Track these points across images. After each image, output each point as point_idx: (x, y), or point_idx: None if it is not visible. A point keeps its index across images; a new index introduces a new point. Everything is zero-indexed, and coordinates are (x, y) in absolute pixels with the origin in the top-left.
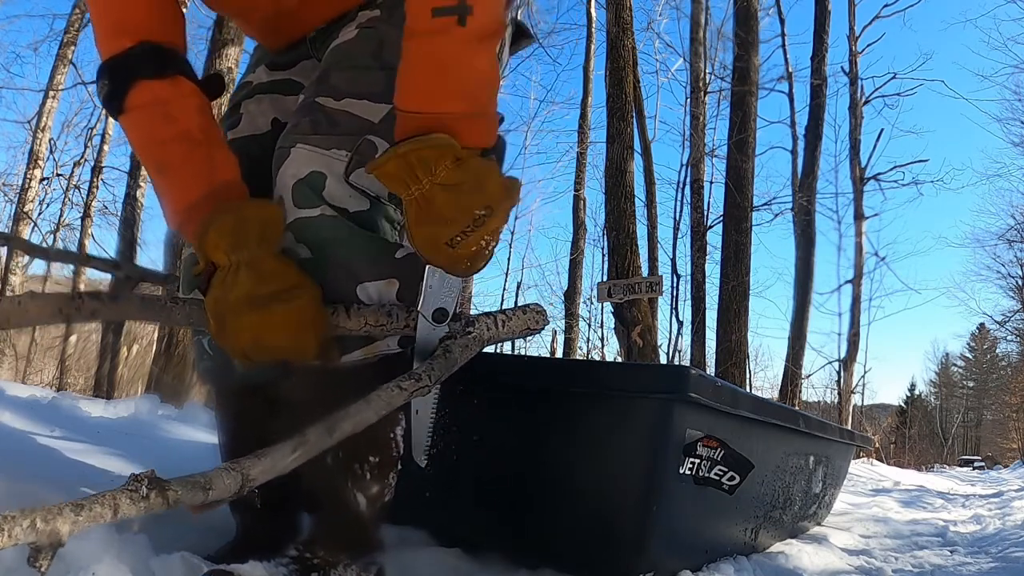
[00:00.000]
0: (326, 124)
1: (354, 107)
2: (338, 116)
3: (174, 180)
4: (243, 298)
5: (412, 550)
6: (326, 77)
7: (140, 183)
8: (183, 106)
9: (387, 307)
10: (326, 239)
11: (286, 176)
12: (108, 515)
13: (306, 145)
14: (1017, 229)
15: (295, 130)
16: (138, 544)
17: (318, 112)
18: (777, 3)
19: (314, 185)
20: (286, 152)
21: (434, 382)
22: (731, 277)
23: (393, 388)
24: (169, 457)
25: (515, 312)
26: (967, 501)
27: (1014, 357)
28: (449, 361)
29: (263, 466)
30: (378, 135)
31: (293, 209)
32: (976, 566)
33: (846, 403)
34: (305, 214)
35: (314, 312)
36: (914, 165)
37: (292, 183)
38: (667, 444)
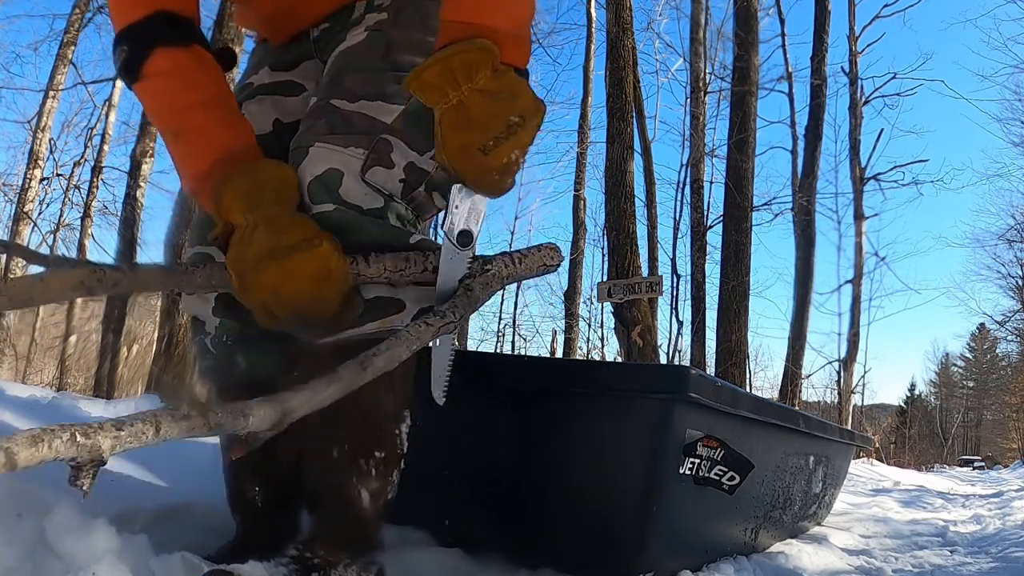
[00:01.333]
0: (342, 125)
1: (369, 109)
2: (353, 118)
3: (191, 145)
4: (264, 251)
5: (412, 550)
6: (339, 80)
7: (140, 183)
8: (201, 73)
9: (404, 253)
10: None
11: (304, 174)
12: (150, 433)
13: (324, 144)
14: (1017, 229)
15: (311, 131)
16: (138, 544)
17: (334, 114)
18: (777, 3)
19: (330, 182)
20: (304, 152)
21: (458, 319)
22: (731, 277)
23: (420, 324)
24: (169, 457)
25: (530, 250)
26: (967, 501)
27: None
28: (471, 299)
29: (301, 399)
30: (393, 135)
31: (309, 206)
32: (976, 566)
33: (846, 403)
34: (319, 209)
35: (335, 261)
36: (914, 165)
37: (309, 180)
38: (667, 444)
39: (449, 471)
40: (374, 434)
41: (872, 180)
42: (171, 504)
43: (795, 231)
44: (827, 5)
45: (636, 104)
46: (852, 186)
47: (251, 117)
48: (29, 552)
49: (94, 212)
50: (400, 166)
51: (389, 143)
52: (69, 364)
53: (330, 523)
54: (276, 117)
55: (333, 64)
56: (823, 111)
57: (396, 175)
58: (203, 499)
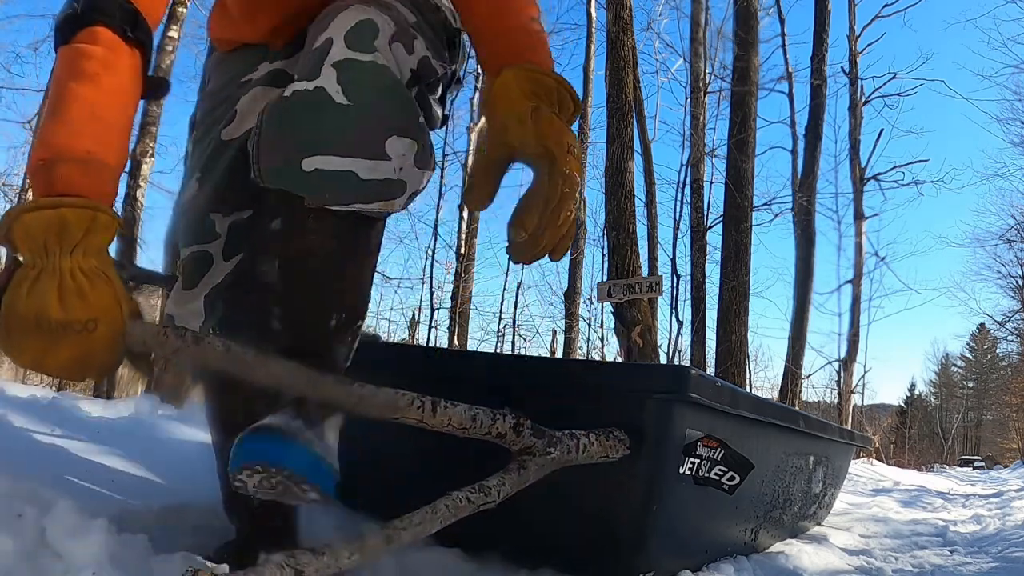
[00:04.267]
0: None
1: (397, 4)
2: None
3: (45, 129)
4: (31, 318)
5: (412, 550)
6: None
7: (140, 183)
8: (125, 70)
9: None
10: (370, 86)
11: (342, 21)
12: None
13: (363, 3)
14: (1017, 229)
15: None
16: (138, 545)
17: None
18: (777, 3)
19: (369, 32)
20: (344, 5)
21: (501, 498)
22: (731, 277)
23: (461, 499)
24: (169, 457)
25: (598, 438)
26: (967, 501)
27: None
28: (522, 478)
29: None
30: (413, 27)
31: (344, 49)
32: (976, 566)
33: (846, 403)
34: (356, 56)
35: (106, 349)
36: (914, 165)
37: (350, 25)
38: (667, 444)
39: (447, 471)
40: (361, 303)
41: (872, 180)
42: (171, 504)
43: (795, 231)
44: (827, 5)
45: (636, 104)
46: (852, 186)
47: (242, 114)
48: (29, 552)
49: None
50: (418, 55)
51: (411, 32)
52: None
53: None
54: None
55: None
56: (823, 111)
57: (411, 62)
58: (203, 499)
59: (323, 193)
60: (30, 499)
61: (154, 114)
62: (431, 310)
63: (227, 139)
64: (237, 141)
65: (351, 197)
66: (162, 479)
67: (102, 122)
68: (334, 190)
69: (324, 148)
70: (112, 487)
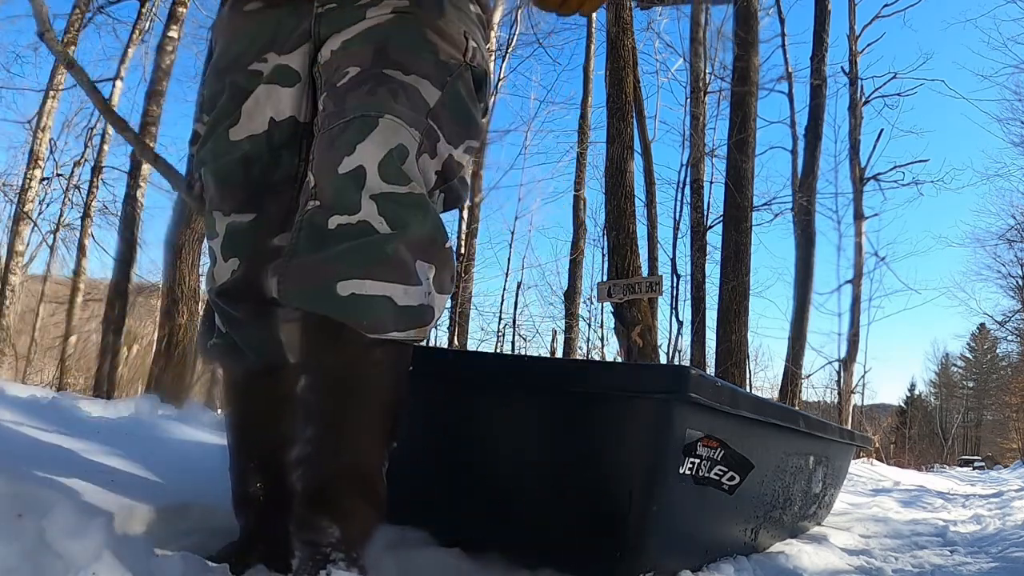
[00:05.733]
0: (403, 97)
1: (420, 85)
2: (410, 92)
3: None
4: None
5: (412, 550)
6: (384, 53)
7: (140, 183)
8: None
9: None
10: (410, 217)
11: (373, 145)
12: None
13: (394, 117)
14: (1017, 229)
15: (374, 97)
16: (138, 544)
17: (393, 83)
18: (777, 3)
19: (400, 158)
20: (373, 122)
21: None
22: (731, 277)
23: None
24: (169, 457)
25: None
26: (967, 501)
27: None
28: None
29: None
30: (435, 120)
31: (379, 182)
32: (976, 566)
33: (846, 403)
34: (394, 189)
35: None
36: (914, 165)
37: (382, 154)
38: (667, 444)
39: (450, 471)
40: (397, 424)
41: (872, 180)
42: (171, 504)
43: (795, 231)
44: (827, 5)
45: (636, 104)
46: (852, 186)
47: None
48: (29, 552)
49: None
50: (441, 158)
51: (435, 132)
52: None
53: (360, 517)
54: (271, 116)
55: (364, 38)
56: (823, 111)
57: (435, 166)
58: (203, 499)
59: (361, 317)
60: (30, 499)
61: (154, 114)
62: None
63: (234, 139)
64: (241, 143)
65: (390, 324)
66: (162, 479)
67: None
68: (373, 315)
69: (362, 273)
70: (112, 487)
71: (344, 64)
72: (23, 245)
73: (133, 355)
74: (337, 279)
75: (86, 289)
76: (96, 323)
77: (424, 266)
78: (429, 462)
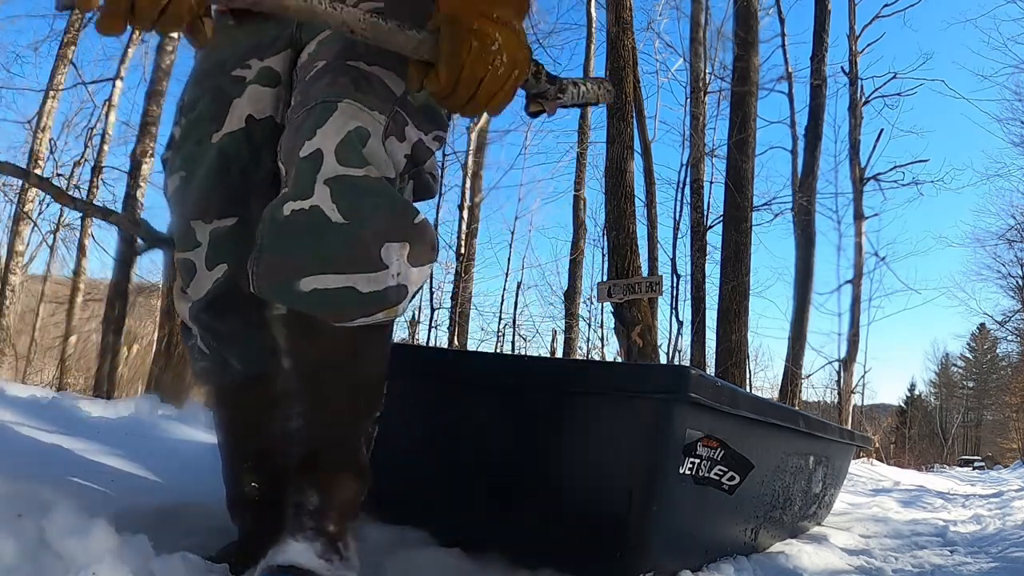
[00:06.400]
0: (366, 84)
1: (385, 76)
2: (374, 80)
3: None
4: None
5: (412, 550)
6: (350, 45)
7: (140, 183)
8: None
9: None
10: (365, 202)
11: (331, 129)
12: None
13: (353, 101)
14: (1017, 229)
15: (335, 86)
16: (138, 544)
17: (355, 72)
18: (777, 3)
19: (359, 141)
20: (331, 106)
21: None
22: (731, 277)
23: None
24: (169, 457)
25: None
26: (967, 501)
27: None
28: None
29: None
30: (402, 107)
31: (335, 165)
32: (976, 566)
33: (846, 403)
34: (350, 172)
35: None
36: (914, 165)
37: (340, 137)
38: (667, 444)
39: (450, 471)
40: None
41: (872, 180)
42: (171, 504)
43: (795, 231)
44: (827, 5)
45: (636, 104)
46: (852, 186)
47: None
48: (29, 552)
49: None
50: (410, 141)
51: (403, 116)
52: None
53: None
54: (249, 113)
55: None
56: (823, 111)
57: (404, 150)
58: (203, 499)
59: (325, 310)
60: (30, 499)
61: (154, 114)
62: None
63: (213, 141)
64: (219, 143)
65: (355, 312)
66: (162, 479)
67: None
68: (336, 307)
69: (322, 268)
70: (112, 487)
71: (314, 60)
72: (23, 245)
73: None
74: (300, 276)
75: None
76: (96, 323)
77: (394, 246)
78: (429, 462)
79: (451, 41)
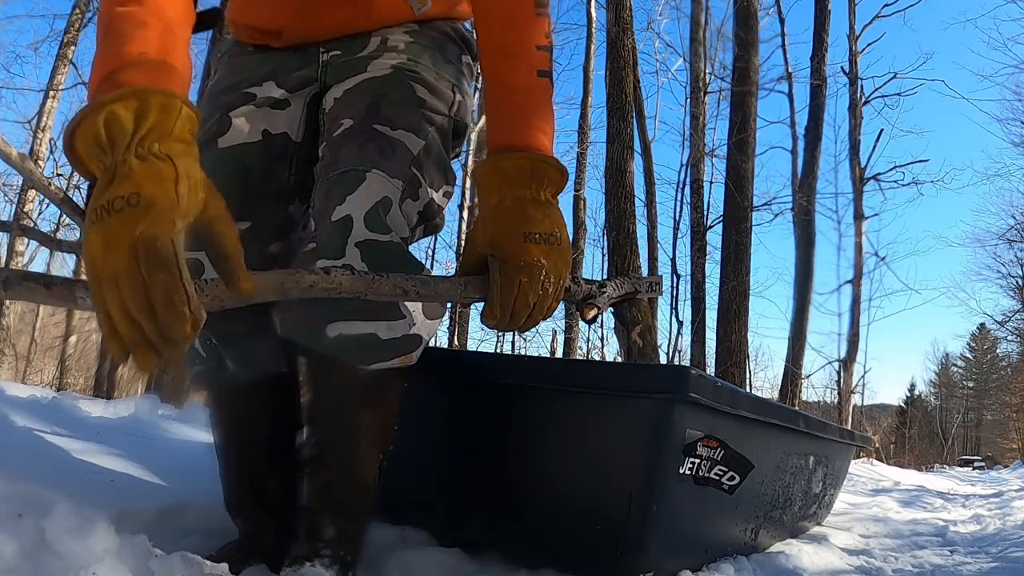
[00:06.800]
0: (389, 151)
1: (405, 138)
2: (396, 146)
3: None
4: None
5: (412, 550)
6: (376, 108)
7: None
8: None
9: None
10: (394, 263)
11: (360, 198)
12: None
13: (379, 171)
14: (1017, 229)
15: (363, 154)
16: (138, 544)
17: (381, 140)
18: (777, 3)
19: (384, 211)
20: (361, 176)
21: None
22: (731, 277)
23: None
24: (169, 457)
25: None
26: (967, 501)
27: (1014, 357)
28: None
29: None
30: (418, 168)
31: (363, 230)
32: (976, 566)
33: (846, 403)
34: (376, 237)
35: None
36: (914, 165)
37: (368, 206)
38: (667, 444)
39: (449, 471)
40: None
41: (872, 180)
42: (171, 504)
43: (795, 231)
44: (827, 5)
45: (636, 104)
46: (852, 186)
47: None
48: (29, 552)
49: None
50: (423, 201)
51: (418, 179)
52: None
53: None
54: (265, 128)
55: (361, 91)
56: (823, 111)
57: (417, 208)
58: (203, 499)
59: (348, 354)
60: (30, 499)
61: None
62: None
63: (222, 147)
64: (236, 152)
65: (375, 356)
66: (162, 479)
67: (152, 28)
68: (359, 351)
69: (347, 316)
70: (112, 487)
71: (341, 115)
72: (23, 245)
73: None
74: (327, 322)
75: None
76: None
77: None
78: (429, 462)
79: (502, 282)
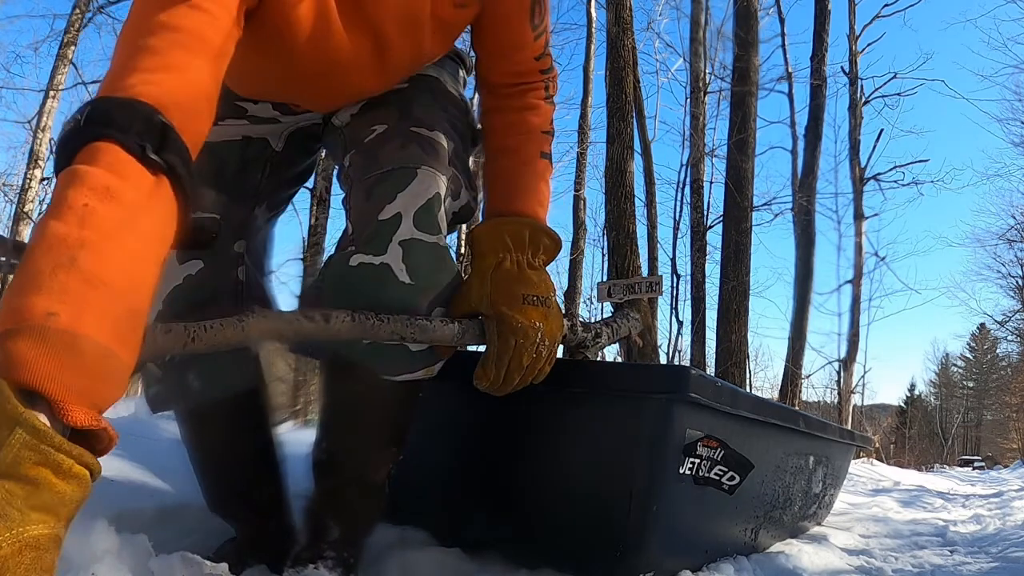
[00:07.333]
0: (432, 150)
1: (440, 139)
2: (436, 146)
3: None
4: None
5: (412, 550)
6: (408, 111)
7: None
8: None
9: None
10: (434, 268)
11: (412, 195)
12: None
13: (429, 167)
14: (1017, 229)
15: (407, 153)
16: (138, 544)
17: (421, 139)
18: (777, 3)
19: (436, 207)
20: (412, 172)
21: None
22: (731, 277)
23: None
24: (169, 457)
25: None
26: (967, 501)
27: (1014, 357)
28: None
29: None
30: (455, 168)
31: (411, 228)
32: (976, 566)
33: (846, 403)
34: (424, 237)
35: None
36: (914, 165)
37: (420, 203)
38: (667, 444)
39: (449, 472)
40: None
41: (872, 180)
42: (171, 504)
43: (795, 231)
44: (827, 5)
45: (636, 104)
46: (852, 186)
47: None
48: None
49: None
50: (461, 202)
51: (459, 179)
52: None
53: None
54: (245, 133)
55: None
56: (823, 111)
57: (454, 208)
58: (202, 499)
59: (376, 363)
60: None
61: None
62: None
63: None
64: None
65: (401, 367)
66: (162, 479)
67: (83, 274)
68: (387, 361)
69: None
70: (112, 487)
71: (370, 122)
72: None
73: None
74: None
75: None
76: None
77: (440, 311)
78: (429, 462)
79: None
